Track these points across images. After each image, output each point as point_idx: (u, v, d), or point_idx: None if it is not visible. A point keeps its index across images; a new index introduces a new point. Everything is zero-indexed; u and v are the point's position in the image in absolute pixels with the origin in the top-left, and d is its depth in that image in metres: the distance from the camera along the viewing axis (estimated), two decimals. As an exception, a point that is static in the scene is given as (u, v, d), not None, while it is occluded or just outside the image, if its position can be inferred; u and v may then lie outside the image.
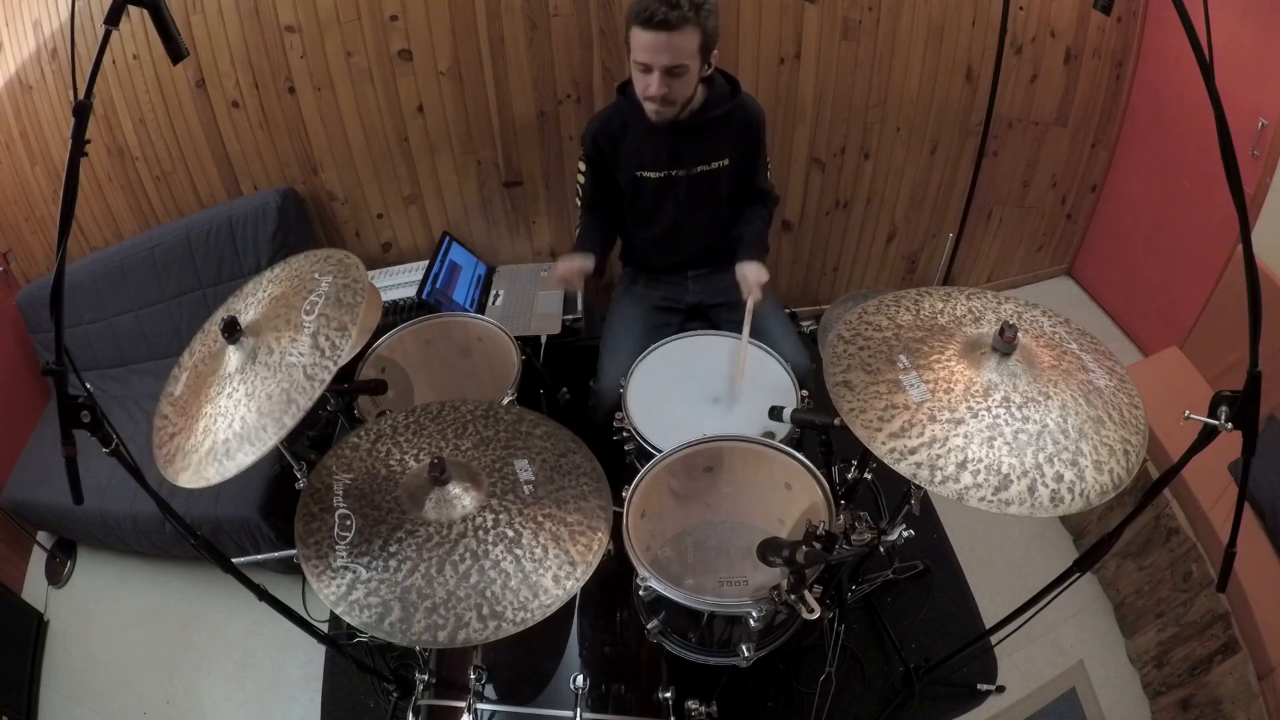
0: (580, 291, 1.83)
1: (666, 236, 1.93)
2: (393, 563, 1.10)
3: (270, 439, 1.09)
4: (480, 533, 1.14)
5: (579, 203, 1.96)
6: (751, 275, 1.79)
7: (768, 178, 1.96)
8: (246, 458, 1.10)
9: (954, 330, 1.19)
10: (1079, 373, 1.11)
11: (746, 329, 1.71)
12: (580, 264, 1.83)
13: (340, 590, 1.07)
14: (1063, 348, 1.16)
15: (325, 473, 1.23)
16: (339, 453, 1.28)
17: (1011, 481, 0.99)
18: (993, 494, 0.98)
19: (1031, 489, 0.99)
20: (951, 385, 1.09)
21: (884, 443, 1.05)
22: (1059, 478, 0.99)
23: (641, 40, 1.55)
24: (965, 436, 1.03)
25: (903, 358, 1.15)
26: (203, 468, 1.12)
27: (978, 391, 1.07)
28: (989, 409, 1.05)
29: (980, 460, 1.00)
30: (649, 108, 1.67)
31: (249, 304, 1.35)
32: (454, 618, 1.05)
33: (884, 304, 1.28)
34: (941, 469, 1.01)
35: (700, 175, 1.82)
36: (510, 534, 1.14)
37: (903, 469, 1.02)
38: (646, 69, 1.59)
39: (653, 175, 1.81)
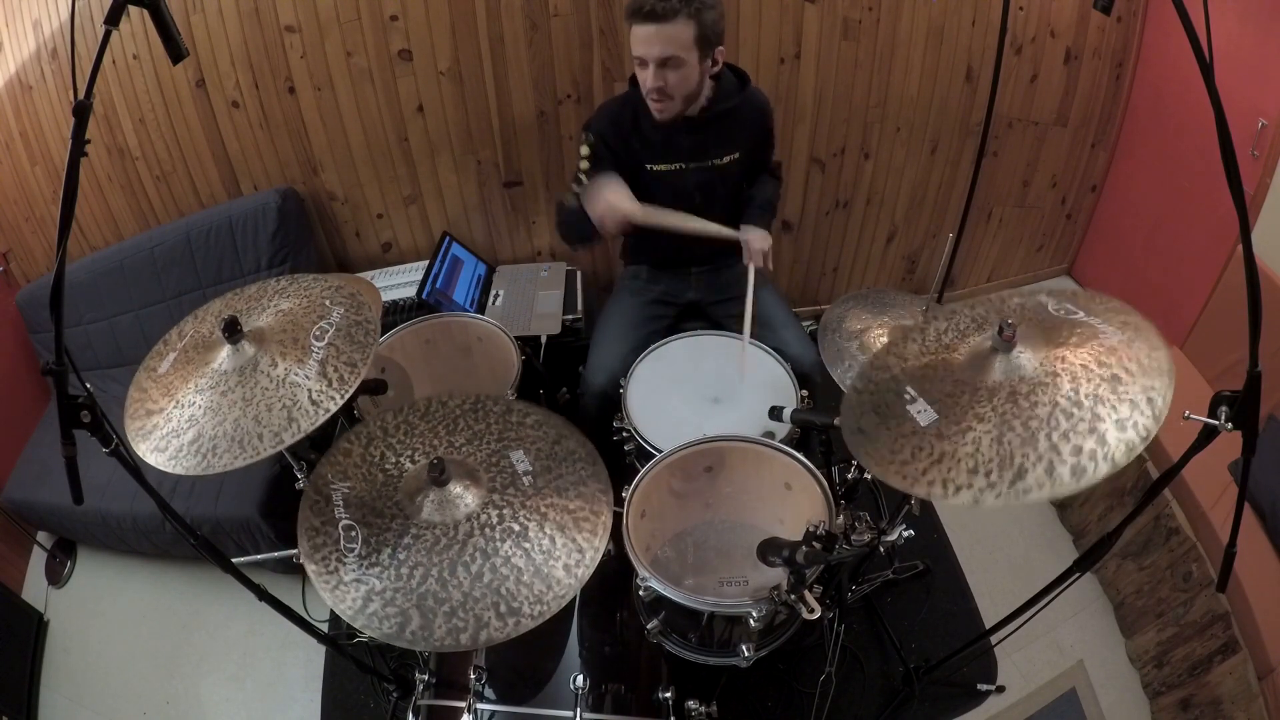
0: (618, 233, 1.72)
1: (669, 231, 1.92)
2: (404, 570, 1.09)
3: (266, 449, 1.11)
4: (487, 530, 1.13)
5: (575, 186, 1.83)
6: (755, 241, 1.78)
7: (773, 157, 1.98)
8: (235, 460, 1.11)
9: (957, 345, 1.20)
10: (1091, 340, 1.09)
11: (750, 294, 1.69)
12: (625, 191, 1.68)
13: (357, 604, 1.07)
14: (1070, 321, 1.15)
15: (322, 483, 1.22)
16: (332, 460, 1.26)
17: (1027, 470, 0.97)
18: (1008, 488, 0.97)
19: (1050, 470, 0.96)
20: (958, 398, 1.09)
21: (896, 471, 1.05)
22: (1077, 450, 0.97)
23: (635, 34, 1.57)
24: (973, 442, 1.02)
25: (909, 389, 1.16)
26: (182, 456, 1.13)
27: (983, 397, 1.07)
28: (994, 409, 1.04)
29: (991, 459, 1.00)
30: (651, 104, 1.67)
31: (252, 307, 1.36)
32: (474, 619, 1.04)
33: (893, 347, 1.29)
34: (953, 480, 1.00)
35: (710, 169, 1.81)
36: (516, 528, 1.14)
37: (918, 491, 1.02)
38: (643, 63, 1.60)
39: (662, 169, 1.80)
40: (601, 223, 1.70)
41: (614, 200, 1.67)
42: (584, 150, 1.82)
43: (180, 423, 1.17)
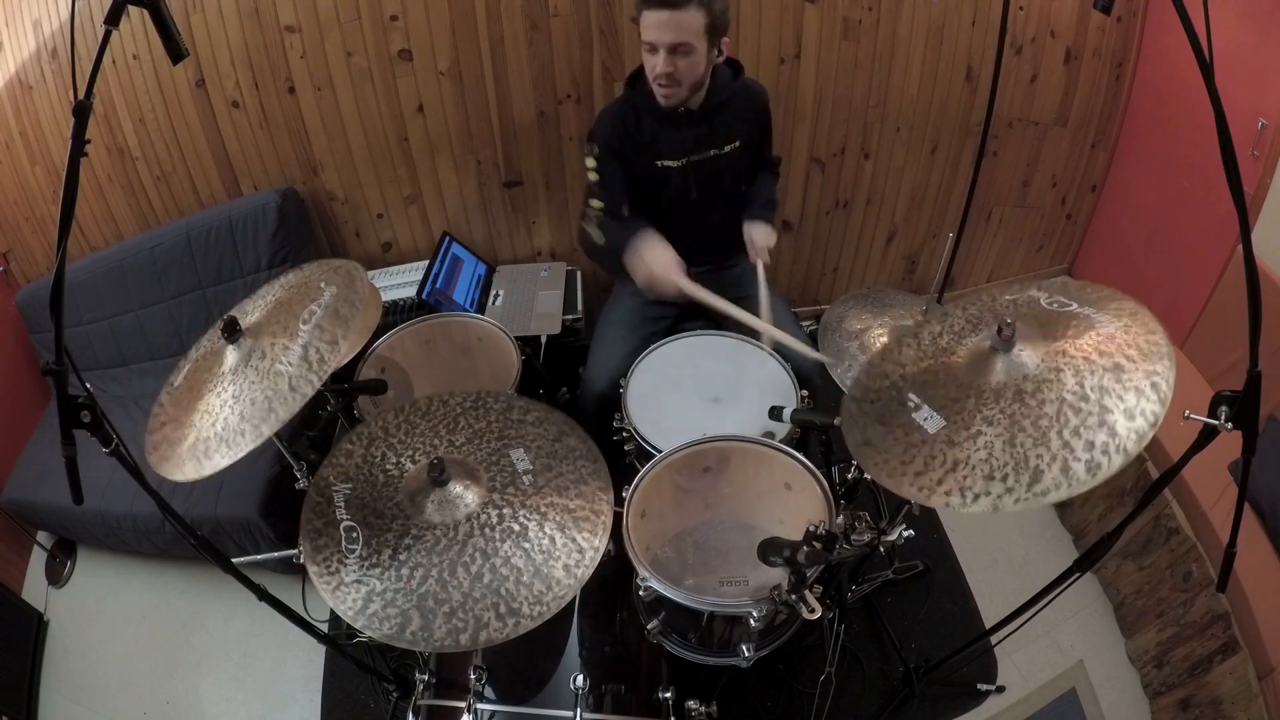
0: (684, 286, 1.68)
1: (678, 226, 1.90)
2: (404, 571, 1.09)
3: (246, 445, 1.10)
4: (487, 530, 1.13)
5: (595, 209, 1.82)
6: (759, 238, 1.84)
7: (771, 150, 2.02)
8: (222, 460, 1.11)
9: (955, 348, 1.19)
10: (1088, 331, 1.08)
11: (763, 289, 1.76)
12: (670, 257, 1.69)
13: (358, 605, 1.07)
14: (1065, 314, 1.14)
15: (323, 484, 1.22)
16: (334, 461, 1.26)
17: (1043, 471, 0.96)
18: (1026, 490, 0.96)
19: (1065, 469, 0.95)
20: (963, 403, 1.08)
21: (910, 483, 1.04)
22: (1090, 445, 0.96)
23: (647, 20, 1.59)
24: (986, 447, 1.01)
25: (912, 395, 1.14)
26: (182, 463, 1.13)
27: (988, 399, 1.06)
28: (1002, 411, 1.04)
29: (1007, 463, 0.99)
30: (657, 90, 1.68)
31: (255, 305, 1.36)
32: (473, 619, 1.05)
33: (888, 353, 1.28)
34: (970, 488, 0.99)
35: (713, 159, 1.83)
36: (516, 528, 1.14)
37: (935, 503, 1.01)
38: (653, 49, 1.61)
39: (670, 164, 1.82)
40: (649, 289, 1.73)
41: (660, 272, 1.69)
42: (590, 163, 1.83)
43: (184, 430, 1.17)
